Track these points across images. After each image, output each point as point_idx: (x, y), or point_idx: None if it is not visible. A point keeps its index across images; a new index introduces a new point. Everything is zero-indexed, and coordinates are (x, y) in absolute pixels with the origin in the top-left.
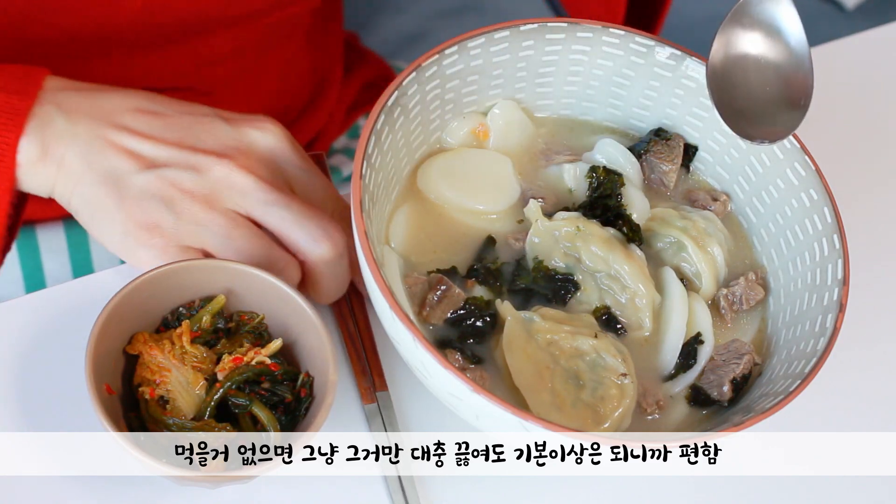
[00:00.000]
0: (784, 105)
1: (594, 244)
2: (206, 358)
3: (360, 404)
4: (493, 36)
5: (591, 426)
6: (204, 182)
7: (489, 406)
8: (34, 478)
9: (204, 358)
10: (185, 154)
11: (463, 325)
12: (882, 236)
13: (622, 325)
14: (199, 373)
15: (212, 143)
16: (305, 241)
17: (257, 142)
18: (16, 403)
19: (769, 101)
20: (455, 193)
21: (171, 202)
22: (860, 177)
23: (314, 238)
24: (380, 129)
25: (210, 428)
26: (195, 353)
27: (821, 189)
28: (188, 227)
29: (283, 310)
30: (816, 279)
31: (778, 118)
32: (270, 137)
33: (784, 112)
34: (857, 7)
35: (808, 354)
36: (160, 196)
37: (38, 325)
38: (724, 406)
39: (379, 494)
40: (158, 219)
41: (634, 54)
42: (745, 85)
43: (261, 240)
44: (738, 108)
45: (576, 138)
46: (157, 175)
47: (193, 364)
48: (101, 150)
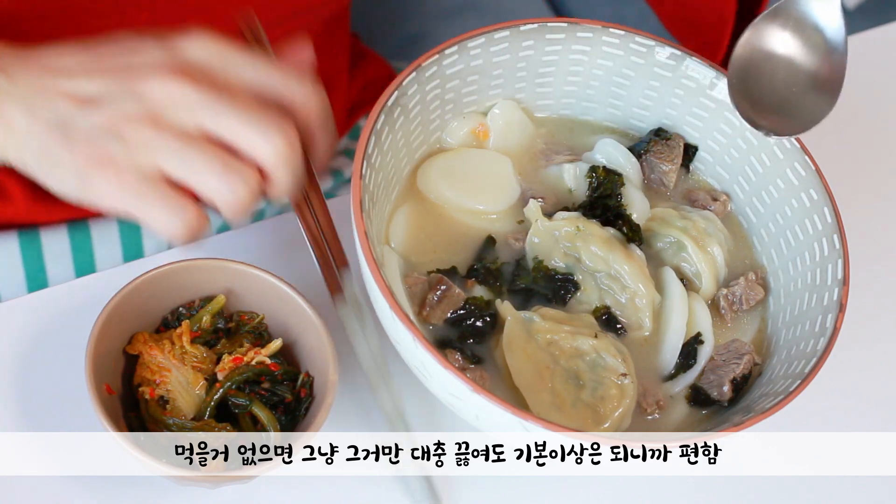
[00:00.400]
0: (805, 103)
1: (594, 244)
2: (206, 358)
3: (360, 403)
4: (493, 36)
5: (591, 426)
6: (146, 104)
7: (489, 406)
8: (34, 478)
9: (204, 358)
10: (122, 81)
11: (463, 325)
12: (882, 236)
13: (622, 325)
14: (199, 373)
15: (146, 64)
16: (259, 141)
17: (191, 52)
18: (16, 403)
19: (790, 96)
20: (455, 193)
21: (119, 132)
22: (860, 177)
23: (267, 135)
24: (380, 129)
25: (210, 428)
26: (195, 353)
27: (821, 189)
28: (140, 151)
29: (283, 310)
30: (816, 279)
31: (795, 114)
32: (203, 45)
33: (803, 110)
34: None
35: (808, 354)
36: (107, 129)
37: (39, 325)
38: (724, 406)
39: (379, 494)
40: (108, 151)
41: (634, 54)
42: (769, 77)
43: (214, 150)
44: (756, 98)
45: (576, 138)
46: (98, 111)
47: (193, 364)
48: (42, 101)
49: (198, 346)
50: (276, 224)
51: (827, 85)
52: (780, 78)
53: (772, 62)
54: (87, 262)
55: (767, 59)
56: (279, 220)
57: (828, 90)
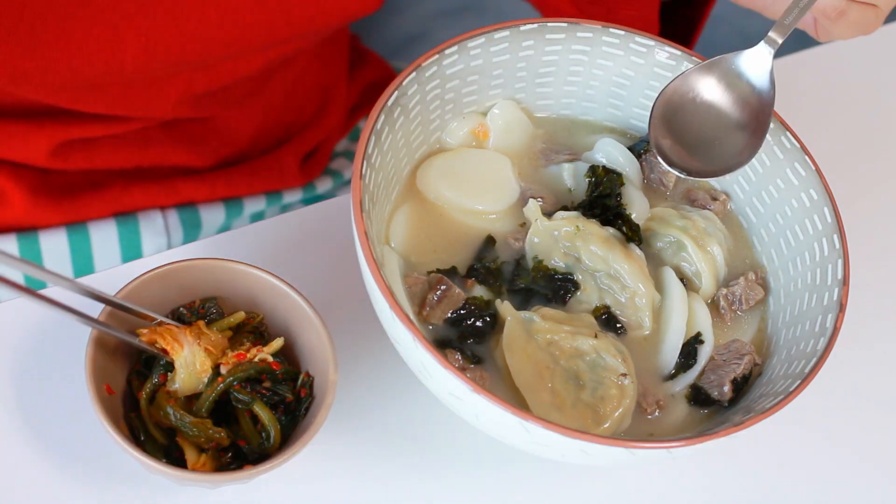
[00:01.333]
0: (725, 149)
1: (594, 243)
2: (220, 343)
3: (360, 403)
4: (493, 36)
5: (591, 426)
6: None
7: (489, 406)
8: (34, 478)
9: (218, 342)
10: None
11: (463, 325)
12: (882, 236)
13: (622, 324)
14: (209, 358)
15: None
16: None
17: None
18: (15, 403)
19: (712, 141)
20: (455, 193)
21: None
22: (860, 177)
23: None
24: (380, 129)
25: (205, 428)
26: (211, 335)
27: (821, 189)
28: None
29: (283, 310)
30: (816, 279)
31: (714, 159)
32: None
33: (722, 156)
34: None
35: (808, 354)
36: None
37: (38, 325)
38: (724, 406)
39: (380, 494)
40: None
41: (634, 54)
42: (693, 119)
43: None
44: (678, 137)
45: (575, 138)
46: None
47: (207, 347)
48: None
49: (213, 330)
50: (277, 224)
51: (750, 136)
52: (704, 122)
53: (697, 106)
54: (85, 263)
55: (693, 102)
56: (279, 220)
57: (750, 142)
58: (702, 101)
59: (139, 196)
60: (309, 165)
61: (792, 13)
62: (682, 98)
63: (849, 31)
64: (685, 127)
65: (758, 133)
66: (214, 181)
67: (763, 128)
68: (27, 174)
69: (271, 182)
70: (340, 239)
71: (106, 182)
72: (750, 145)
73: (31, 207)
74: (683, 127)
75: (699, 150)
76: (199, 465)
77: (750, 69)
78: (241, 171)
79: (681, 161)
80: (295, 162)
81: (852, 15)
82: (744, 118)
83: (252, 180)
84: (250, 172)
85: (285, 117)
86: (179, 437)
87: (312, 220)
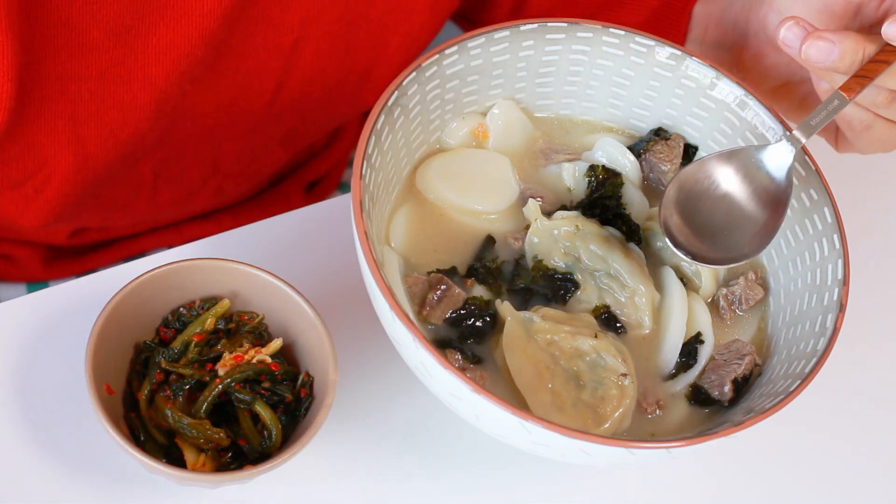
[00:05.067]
0: (735, 240)
1: (593, 243)
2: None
3: (360, 403)
4: (493, 36)
5: (591, 426)
6: None
7: (489, 406)
8: (34, 478)
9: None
10: None
11: (463, 325)
12: (882, 236)
13: (622, 323)
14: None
15: None
16: None
17: None
18: (16, 403)
19: (722, 230)
20: (454, 193)
21: None
22: (860, 177)
23: None
24: (380, 129)
25: (204, 429)
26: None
27: (821, 189)
28: None
29: (283, 310)
30: (816, 279)
31: (722, 247)
32: None
33: (731, 246)
34: None
35: (808, 354)
36: None
37: (38, 325)
38: (724, 406)
39: (380, 494)
40: None
41: (634, 54)
42: (706, 205)
43: None
44: (688, 220)
45: (575, 138)
46: None
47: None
48: None
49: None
50: (277, 224)
51: (759, 231)
52: (716, 209)
53: (711, 193)
54: None
55: (707, 189)
56: (279, 220)
57: (759, 235)
58: (717, 189)
59: (148, 242)
60: (315, 193)
61: (819, 114)
62: (697, 183)
63: (871, 146)
64: (696, 211)
65: (768, 228)
66: (221, 219)
67: (774, 224)
68: (43, 247)
69: (278, 210)
70: (340, 239)
71: (118, 239)
72: (758, 239)
73: (45, 269)
74: (694, 211)
75: (706, 236)
76: (199, 465)
77: (770, 164)
78: (248, 206)
79: (687, 243)
80: (300, 189)
81: (877, 131)
82: (756, 212)
83: (259, 212)
84: (257, 205)
85: (299, 145)
86: (178, 439)
87: (312, 220)
